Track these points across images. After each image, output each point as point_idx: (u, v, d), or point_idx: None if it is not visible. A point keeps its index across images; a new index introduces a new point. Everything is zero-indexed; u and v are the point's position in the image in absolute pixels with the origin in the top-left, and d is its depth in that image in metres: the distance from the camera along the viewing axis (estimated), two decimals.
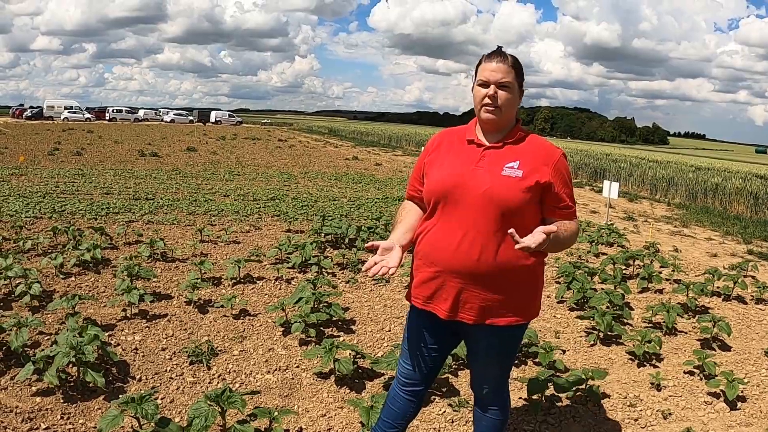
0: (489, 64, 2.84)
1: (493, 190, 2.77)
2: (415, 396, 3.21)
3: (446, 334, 3.10)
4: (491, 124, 2.90)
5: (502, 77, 2.82)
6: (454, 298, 2.88)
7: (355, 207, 13.57)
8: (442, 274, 2.89)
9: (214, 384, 4.72)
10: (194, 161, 24.12)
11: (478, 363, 3.14)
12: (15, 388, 4.42)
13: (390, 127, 79.38)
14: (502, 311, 2.87)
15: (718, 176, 21.96)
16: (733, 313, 7.11)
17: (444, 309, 2.92)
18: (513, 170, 2.80)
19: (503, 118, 2.87)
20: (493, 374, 3.14)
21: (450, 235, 2.85)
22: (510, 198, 2.76)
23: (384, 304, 6.75)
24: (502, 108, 2.84)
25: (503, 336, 2.97)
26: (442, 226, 2.89)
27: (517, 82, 2.88)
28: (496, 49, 2.91)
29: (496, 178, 2.80)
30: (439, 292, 2.92)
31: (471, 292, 2.85)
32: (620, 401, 4.74)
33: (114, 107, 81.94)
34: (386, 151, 40.80)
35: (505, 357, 3.10)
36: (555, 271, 8.27)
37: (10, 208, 11.29)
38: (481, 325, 2.90)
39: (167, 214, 11.59)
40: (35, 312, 5.92)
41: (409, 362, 3.17)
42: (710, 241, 13.07)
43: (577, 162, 28.82)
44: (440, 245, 2.88)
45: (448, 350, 3.23)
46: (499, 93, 2.83)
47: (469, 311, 2.88)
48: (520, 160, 2.83)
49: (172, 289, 6.91)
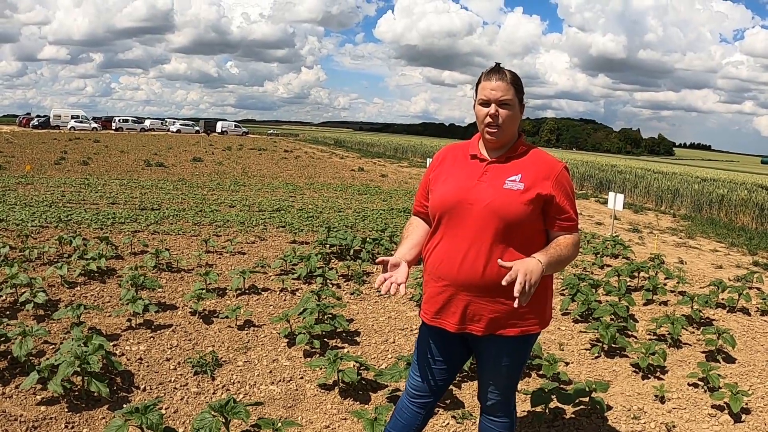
0: (488, 83, 2.87)
1: (495, 204, 2.80)
2: (423, 408, 3.21)
3: (457, 348, 3.11)
4: (494, 142, 2.93)
5: (502, 95, 2.84)
6: (463, 311, 2.89)
7: (361, 218, 13.59)
8: (450, 287, 2.91)
9: (218, 395, 4.73)
10: (200, 171, 24.18)
11: (487, 373, 3.12)
12: (19, 397, 4.43)
13: (395, 139, 79.50)
14: (511, 321, 2.88)
15: (723, 187, 21.92)
16: (737, 325, 7.10)
17: (453, 322, 2.93)
18: (515, 183, 2.83)
19: (505, 134, 2.90)
20: (501, 384, 3.12)
21: (455, 249, 2.87)
22: (512, 211, 2.78)
23: (388, 316, 6.75)
24: (504, 125, 2.87)
25: (514, 346, 2.97)
26: (448, 240, 2.92)
27: (517, 98, 2.89)
28: (494, 66, 2.93)
29: (499, 192, 2.82)
30: (447, 306, 2.94)
31: (479, 304, 2.86)
32: (624, 413, 4.73)
33: (120, 117, 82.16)
34: (392, 163, 40.87)
35: (515, 367, 3.08)
36: (560, 283, 8.26)
37: (17, 216, 11.33)
38: (491, 336, 2.91)
39: (173, 225, 11.62)
40: (40, 321, 5.93)
41: (419, 375, 3.18)
42: (715, 252, 13.06)
43: (583, 173, 28.80)
44: (446, 259, 2.91)
45: (459, 364, 3.23)
46: (501, 111, 2.85)
47: (478, 323, 2.89)
48: (522, 174, 2.85)
49: (177, 299, 6.92)
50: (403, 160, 45.88)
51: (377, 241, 9.70)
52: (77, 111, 75.45)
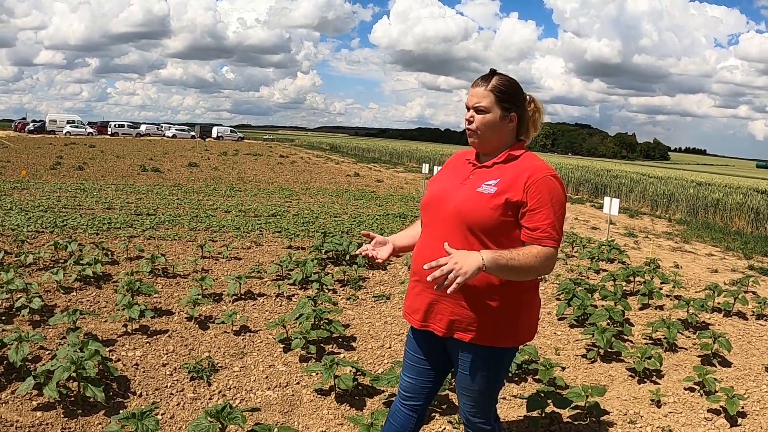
0: (472, 89, 2.92)
1: (462, 206, 2.82)
2: (414, 411, 3.20)
3: (438, 351, 3.10)
4: (476, 147, 2.99)
5: (477, 101, 2.87)
6: (427, 308, 2.94)
7: (357, 223, 13.58)
8: (419, 283, 2.96)
9: (214, 400, 4.73)
10: (196, 177, 24.17)
11: (459, 383, 3.06)
12: (15, 403, 4.43)
13: (391, 144, 79.55)
14: (471, 328, 2.84)
15: (718, 192, 21.98)
16: (733, 329, 7.11)
17: (417, 319, 2.99)
18: (489, 187, 2.82)
19: (487, 141, 2.92)
20: (470, 395, 3.04)
21: (427, 246, 2.95)
22: (477, 215, 2.78)
23: (384, 321, 6.75)
24: (478, 131, 2.89)
25: (480, 357, 2.91)
26: (423, 238, 3.02)
27: (499, 106, 2.87)
28: (487, 72, 2.94)
29: (470, 195, 2.84)
30: (416, 301, 3.00)
31: (442, 303, 2.88)
32: (620, 418, 4.74)
33: (116, 122, 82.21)
34: (387, 168, 40.91)
35: (486, 380, 2.98)
36: (555, 288, 8.28)
37: (12, 222, 11.32)
38: (454, 340, 2.91)
39: (168, 230, 11.60)
40: (36, 326, 5.93)
41: (408, 375, 3.20)
42: (711, 256, 13.09)
43: (578, 178, 28.87)
44: (419, 256, 2.98)
45: (442, 367, 3.18)
46: (476, 117, 2.88)
47: (439, 322, 2.91)
48: (501, 178, 2.83)
49: (173, 304, 6.91)
50: (398, 165, 45.94)
51: None
52: (73, 116, 75.40)
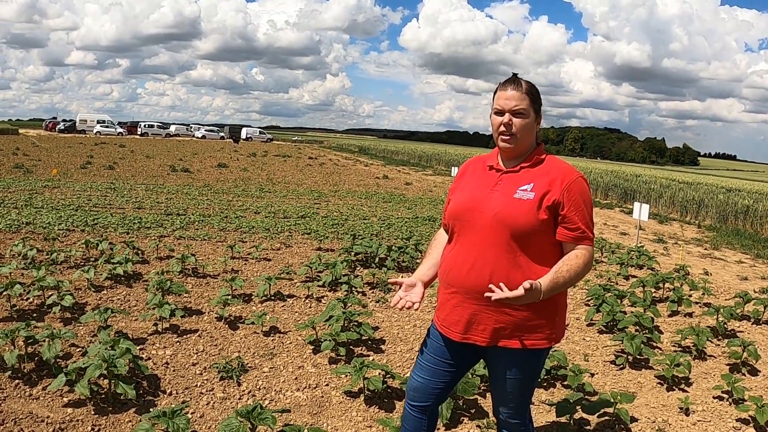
0: (504, 92, 2.90)
1: (503, 213, 2.82)
2: (422, 413, 3.16)
3: (467, 357, 3.11)
4: (509, 152, 2.96)
5: (516, 105, 2.86)
6: (468, 320, 2.91)
7: (386, 226, 13.61)
8: (457, 295, 2.94)
9: (244, 400, 4.76)
10: (225, 177, 24.33)
11: (497, 387, 3.09)
12: (46, 399, 4.50)
13: (420, 146, 79.51)
14: (516, 334, 2.87)
15: (749, 198, 21.76)
16: (762, 337, 7.04)
17: (457, 331, 2.96)
18: (526, 193, 2.84)
19: (520, 144, 2.92)
20: (512, 398, 3.08)
21: (464, 257, 2.92)
22: (520, 220, 2.80)
23: (414, 324, 6.76)
24: (518, 135, 2.89)
25: (522, 359, 2.94)
26: (459, 248, 2.97)
27: (533, 108, 2.90)
28: (511, 77, 2.94)
29: (508, 201, 2.84)
30: (453, 313, 2.96)
31: (484, 313, 2.87)
32: (648, 425, 4.71)
33: (146, 122, 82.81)
34: (416, 171, 40.89)
35: (525, 381, 3.03)
36: (584, 294, 8.24)
37: (44, 220, 11.48)
38: (496, 348, 2.91)
39: (198, 230, 11.70)
40: (67, 324, 6.01)
41: (420, 375, 3.15)
42: (741, 264, 12.95)
43: (607, 183, 28.71)
44: (455, 267, 2.95)
45: (465, 368, 3.21)
46: (514, 120, 2.87)
47: (482, 333, 2.90)
48: (535, 183, 2.86)
49: (203, 304, 6.97)
50: (427, 168, 45.91)
51: (402, 249, 9.69)
52: (103, 116, 76.04)
